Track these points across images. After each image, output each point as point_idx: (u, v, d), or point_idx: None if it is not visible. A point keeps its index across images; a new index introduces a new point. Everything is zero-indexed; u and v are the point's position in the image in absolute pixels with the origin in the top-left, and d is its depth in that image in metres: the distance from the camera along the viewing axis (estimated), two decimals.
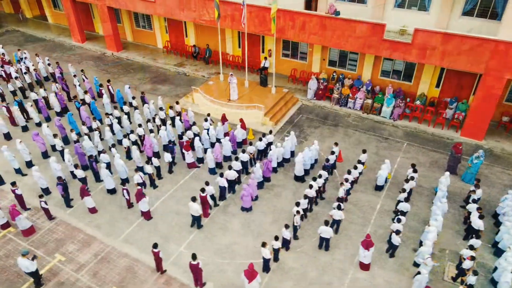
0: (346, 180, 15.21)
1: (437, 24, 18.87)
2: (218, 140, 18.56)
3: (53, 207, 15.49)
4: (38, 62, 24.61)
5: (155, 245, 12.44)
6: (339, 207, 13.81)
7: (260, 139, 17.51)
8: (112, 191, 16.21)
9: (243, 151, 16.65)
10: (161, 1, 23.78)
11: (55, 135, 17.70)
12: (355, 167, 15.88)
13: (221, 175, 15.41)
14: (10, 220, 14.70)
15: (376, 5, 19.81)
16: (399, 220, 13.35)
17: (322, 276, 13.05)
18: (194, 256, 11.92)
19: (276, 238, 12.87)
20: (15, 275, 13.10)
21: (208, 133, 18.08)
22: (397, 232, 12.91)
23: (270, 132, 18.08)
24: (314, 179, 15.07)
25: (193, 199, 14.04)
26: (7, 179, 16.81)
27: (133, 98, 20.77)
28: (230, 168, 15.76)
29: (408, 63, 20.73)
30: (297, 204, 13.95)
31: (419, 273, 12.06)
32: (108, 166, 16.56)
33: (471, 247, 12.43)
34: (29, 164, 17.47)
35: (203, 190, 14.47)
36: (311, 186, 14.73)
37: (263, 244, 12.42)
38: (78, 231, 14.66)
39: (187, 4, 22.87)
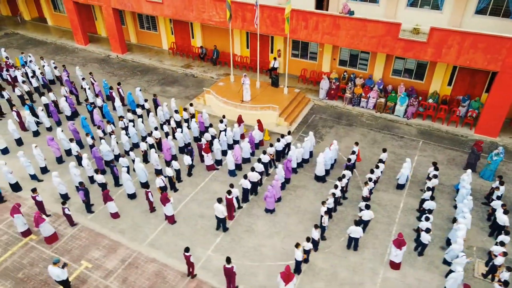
0: (370, 179, 15.23)
1: (450, 23, 19.04)
2: (235, 142, 18.43)
3: (74, 213, 15.18)
4: (43, 66, 24.19)
5: (186, 249, 12.29)
6: (367, 207, 13.81)
7: (278, 140, 17.43)
8: (132, 196, 15.98)
9: (264, 152, 16.54)
10: (169, 2, 23.53)
11: (71, 140, 17.37)
12: (377, 166, 15.89)
13: (245, 176, 15.29)
14: (32, 227, 14.40)
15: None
16: (427, 219, 13.40)
17: (353, 276, 13.03)
18: (228, 260, 11.77)
19: (308, 239, 12.81)
20: (41, 283, 12.81)
21: (225, 135, 17.95)
22: (427, 231, 12.96)
23: (289, 132, 18.01)
24: (340, 179, 15.06)
25: (219, 200, 13.87)
26: (22, 186, 16.47)
27: (145, 100, 20.48)
28: (252, 169, 15.64)
29: (420, 62, 20.86)
30: (323, 203, 13.91)
31: (451, 271, 12.13)
32: (127, 170, 16.30)
33: (502, 243, 12.52)
34: (44, 170, 17.15)
35: (229, 192, 14.33)
36: (336, 186, 14.72)
37: (297, 245, 12.35)
38: (102, 237, 14.41)
39: (196, 5, 22.66)
